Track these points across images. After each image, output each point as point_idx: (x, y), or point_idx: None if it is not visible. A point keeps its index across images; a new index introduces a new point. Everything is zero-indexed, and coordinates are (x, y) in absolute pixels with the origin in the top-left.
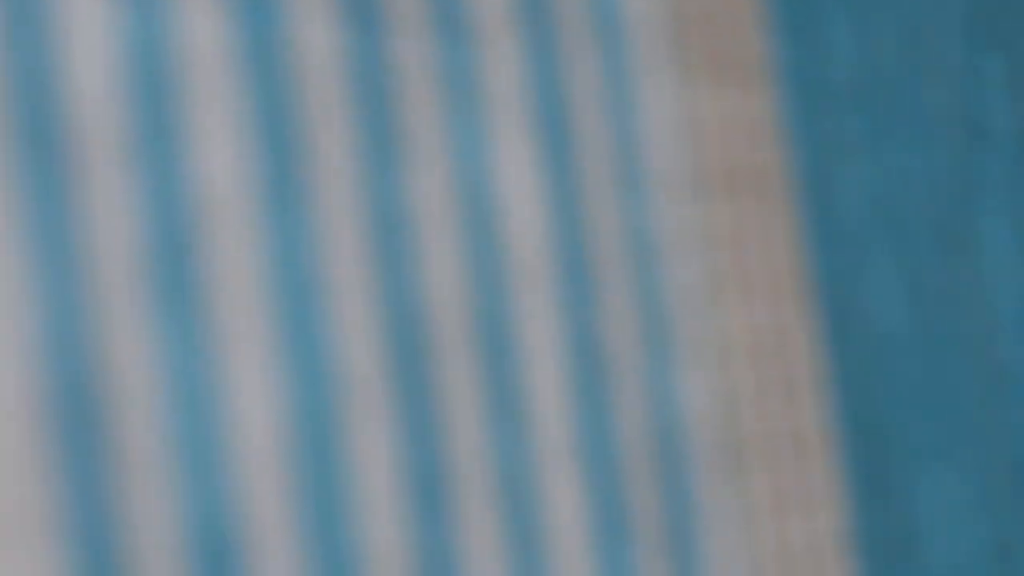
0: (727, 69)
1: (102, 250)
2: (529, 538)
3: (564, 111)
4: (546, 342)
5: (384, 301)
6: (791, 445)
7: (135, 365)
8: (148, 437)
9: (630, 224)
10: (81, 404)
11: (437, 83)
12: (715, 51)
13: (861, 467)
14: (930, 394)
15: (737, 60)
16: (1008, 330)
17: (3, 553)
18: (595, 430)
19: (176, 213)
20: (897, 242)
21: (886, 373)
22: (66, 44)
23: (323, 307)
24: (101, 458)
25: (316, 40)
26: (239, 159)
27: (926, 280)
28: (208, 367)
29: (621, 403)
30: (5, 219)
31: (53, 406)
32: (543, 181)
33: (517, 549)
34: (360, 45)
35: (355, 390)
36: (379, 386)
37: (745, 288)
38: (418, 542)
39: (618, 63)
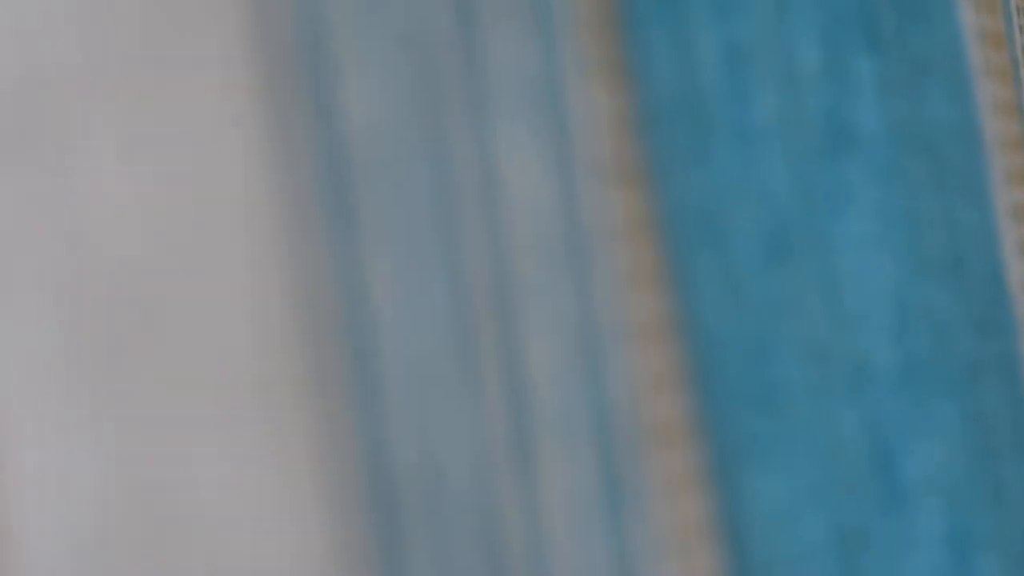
0: (598, 70)
1: None
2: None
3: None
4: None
5: None
6: (666, 434)
7: None
8: None
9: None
10: None
11: None
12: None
13: (705, 462)
14: (758, 394)
15: (603, 61)
16: (872, 326)
17: None
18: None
19: None
20: (720, 247)
21: (714, 373)
22: None
23: None
24: None
25: None
26: None
27: (751, 283)
28: None
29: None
30: None
31: None
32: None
33: None
34: None
35: None
36: None
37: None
38: None
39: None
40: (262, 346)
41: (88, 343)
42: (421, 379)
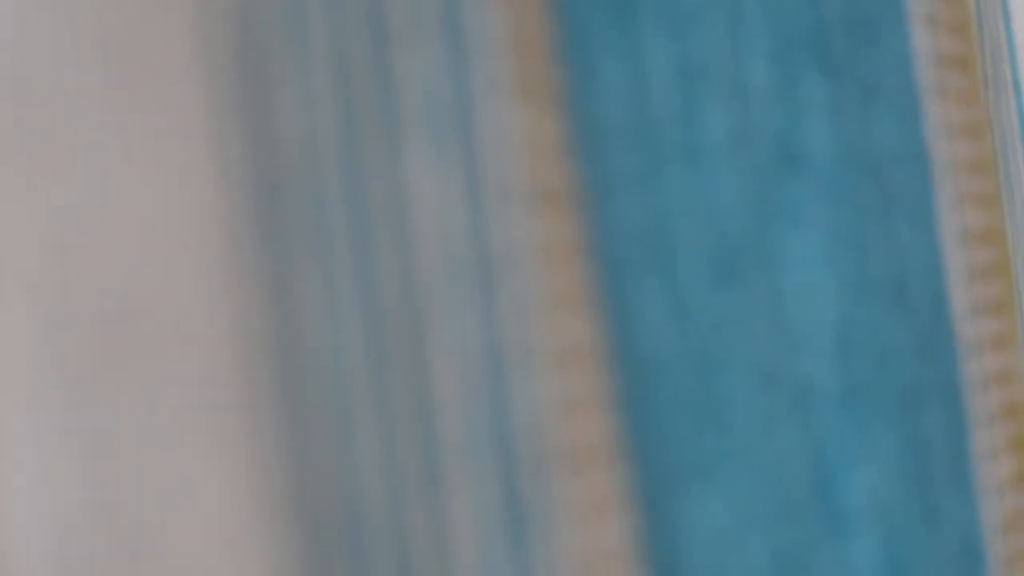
0: (525, 92)
1: None
2: None
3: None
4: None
5: None
6: (585, 457)
7: None
8: None
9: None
10: None
11: None
12: (515, 76)
13: (635, 484)
14: (701, 416)
15: (532, 83)
16: (815, 349)
17: None
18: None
19: None
20: (665, 268)
21: (652, 394)
22: None
23: None
24: None
25: None
26: None
27: (698, 304)
28: None
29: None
30: None
31: None
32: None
33: None
34: None
35: None
36: None
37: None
38: None
39: None
40: (209, 367)
41: (70, 355)
42: (337, 405)
